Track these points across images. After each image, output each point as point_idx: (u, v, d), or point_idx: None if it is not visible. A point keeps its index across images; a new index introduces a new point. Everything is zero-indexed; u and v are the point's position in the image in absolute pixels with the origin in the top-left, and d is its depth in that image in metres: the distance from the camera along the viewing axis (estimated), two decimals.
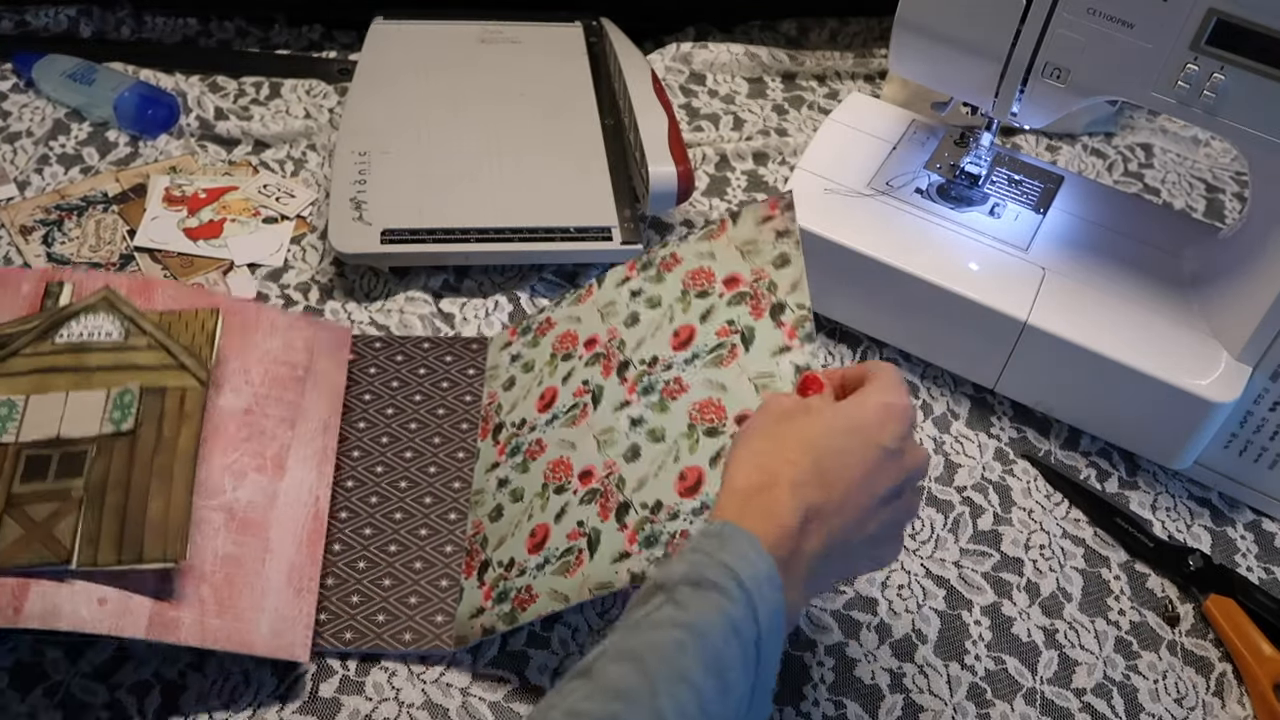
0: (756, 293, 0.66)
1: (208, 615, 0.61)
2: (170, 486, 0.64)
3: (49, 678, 0.62)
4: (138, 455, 0.65)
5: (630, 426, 0.66)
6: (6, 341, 0.68)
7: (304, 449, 0.70)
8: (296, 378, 0.73)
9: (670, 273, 0.71)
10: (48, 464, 0.63)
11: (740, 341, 0.65)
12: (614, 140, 0.91)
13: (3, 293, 0.70)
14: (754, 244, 0.68)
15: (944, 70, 0.76)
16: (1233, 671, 0.69)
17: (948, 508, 0.75)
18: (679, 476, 0.62)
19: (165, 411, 0.67)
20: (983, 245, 0.79)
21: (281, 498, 0.68)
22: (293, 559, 0.65)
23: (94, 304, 0.70)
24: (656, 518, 0.61)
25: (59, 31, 1.04)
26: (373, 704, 0.63)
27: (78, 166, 0.92)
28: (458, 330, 0.82)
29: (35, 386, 0.66)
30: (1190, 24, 0.64)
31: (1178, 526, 0.76)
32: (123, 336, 0.69)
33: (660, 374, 0.67)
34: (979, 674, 0.68)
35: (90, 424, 0.65)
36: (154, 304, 0.72)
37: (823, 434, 0.52)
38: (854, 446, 0.52)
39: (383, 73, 0.96)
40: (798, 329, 0.64)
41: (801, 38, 1.12)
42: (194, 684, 0.63)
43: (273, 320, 0.75)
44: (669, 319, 0.69)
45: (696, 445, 0.62)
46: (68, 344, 0.68)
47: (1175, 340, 0.73)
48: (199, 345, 0.70)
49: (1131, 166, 1.01)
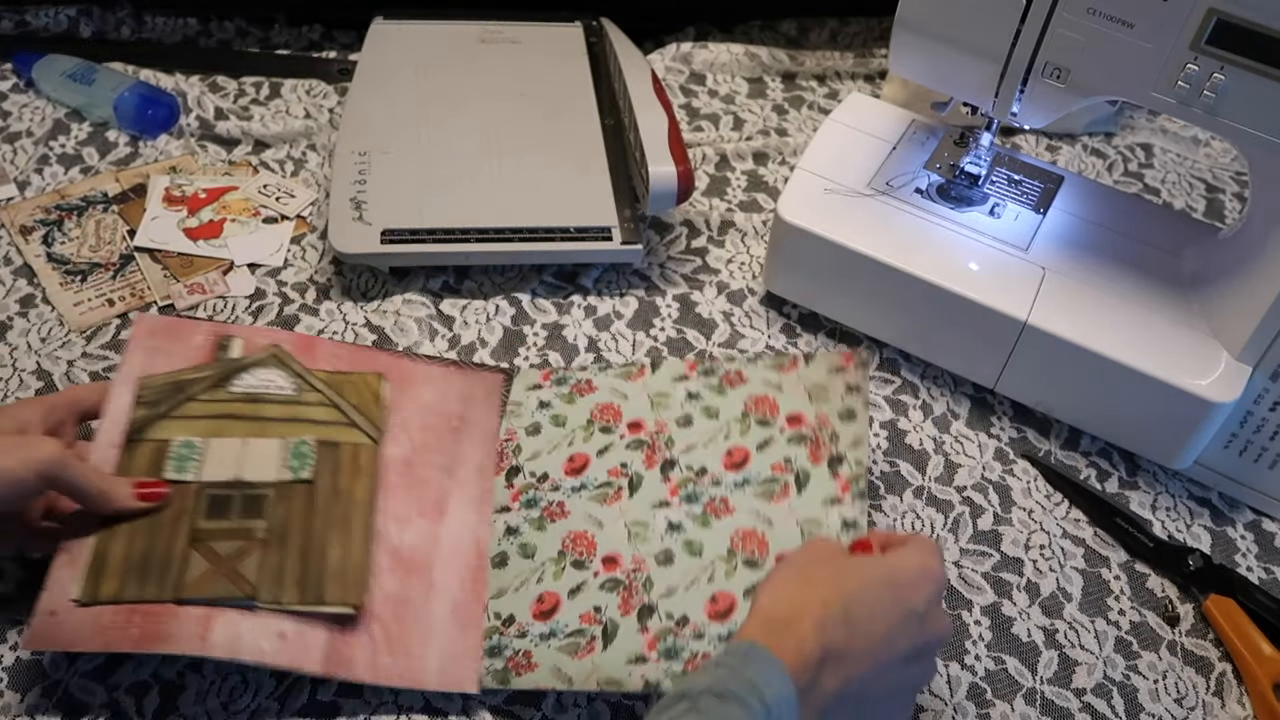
0: (818, 439, 0.68)
1: (379, 653, 0.63)
2: (349, 535, 0.66)
3: (47, 677, 0.62)
4: (317, 503, 0.67)
5: (667, 529, 0.66)
6: (184, 387, 0.70)
7: (463, 493, 0.71)
8: (452, 428, 0.74)
9: (733, 389, 0.72)
10: (230, 504, 0.66)
11: (794, 482, 0.67)
12: (614, 140, 0.91)
13: (176, 343, 0.73)
14: (824, 390, 0.70)
15: (944, 70, 0.76)
16: (1233, 671, 0.69)
17: (948, 508, 0.75)
18: (710, 599, 0.63)
19: (340, 464, 0.69)
20: (983, 245, 0.79)
21: (443, 539, 0.68)
22: (457, 596, 0.66)
23: (264, 360, 0.72)
24: (681, 632, 0.62)
25: (59, 31, 1.04)
26: (371, 707, 0.63)
27: (78, 166, 0.92)
28: (456, 333, 0.82)
29: (213, 430, 0.69)
30: (1190, 24, 0.64)
31: (1178, 526, 0.76)
32: (295, 391, 0.72)
33: (708, 487, 0.68)
34: (979, 674, 0.68)
35: (269, 469, 0.68)
36: (316, 360, 0.74)
37: (859, 584, 0.53)
38: (885, 601, 0.53)
39: (383, 73, 0.96)
40: (852, 484, 0.66)
41: (801, 38, 1.12)
42: (192, 684, 0.63)
43: (427, 373, 0.76)
44: (724, 435, 0.70)
45: (734, 572, 0.63)
46: (244, 394, 0.71)
47: (1175, 340, 0.73)
48: (367, 404, 0.72)
49: (1131, 166, 1.01)
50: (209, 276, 0.84)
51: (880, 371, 0.83)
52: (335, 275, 0.85)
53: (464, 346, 0.81)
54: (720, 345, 0.84)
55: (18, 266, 0.83)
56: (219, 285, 0.83)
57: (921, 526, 0.74)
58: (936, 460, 0.78)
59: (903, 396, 0.81)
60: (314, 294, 0.84)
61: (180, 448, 0.67)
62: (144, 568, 0.62)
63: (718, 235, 0.92)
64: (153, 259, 0.85)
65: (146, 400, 0.69)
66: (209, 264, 0.85)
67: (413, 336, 0.81)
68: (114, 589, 0.61)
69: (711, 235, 0.92)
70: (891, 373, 0.83)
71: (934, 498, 0.76)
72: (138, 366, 0.71)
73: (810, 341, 0.84)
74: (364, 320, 0.82)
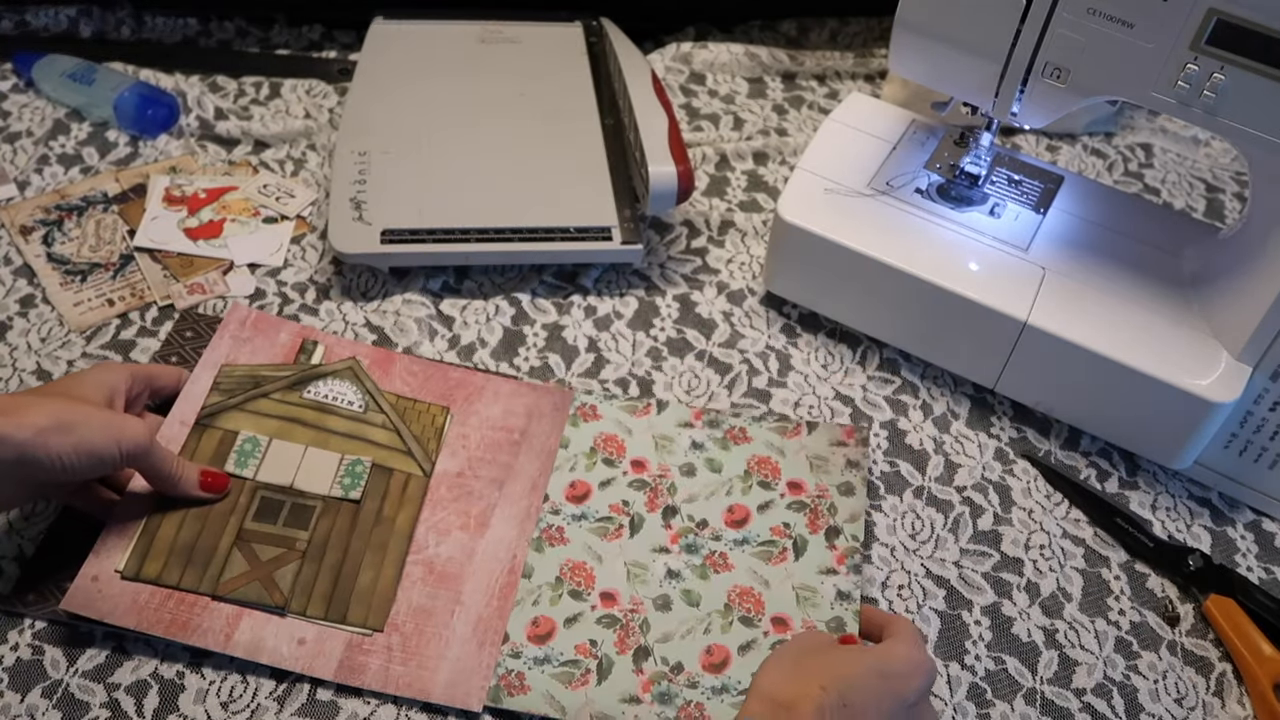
0: (817, 509, 0.71)
1: (393, 662, 0.64)
2: (383, 561, 0.67)
3: (48, 677, 0.62)
4: (359, 524, 0.69)
5: (666, 576, 0.68)
6: (261, 382, 0.74)
7: (509, 508, 0.71)
8: (513, 442, 0.74)
9: (738, 446, 0.74)
10: (280, 509, 0.68)
11: (792, 548, 0.69)
12: (614, 140, 0.91)
13: (263, 337, 0.77)
14: (824, 462, 0.73)
15: (944, 70, 0.76)
16: (1233, 671, 0.69)
17: (948, 508, 0.75)
18: (706, 650, 0.65)
19: (389, 491, 0.71)
20: (983, 245, 0.79)
21: (480, 554, 0.69)
22: (481, 612, 0.66)
23: (340, 371, 0.75)
24: (675, 679, 0.63)
25: (59, 31, 1.04)
26: (371, 707, 0.63)
27: (78, 166, 0.92)
28: (455, 334, 0.82)
29: (279, 432, 0.71)
30: (1190, 24, 0.64)
31: (1178, 526, 0.76)
32: (362, 409, 0.74)
33: (708, 541, 0.70)
34: (979, 674, 0.68)
35: (322, 483, 0.70)
36: (391, 376, 0.77)
37: (854, 672, 0.56)
38: (881, 691, 0.55)
39: (383, 73, 0.96)
40: (847, 558, 0.69)
41: (801, 38, 1.12)
42: (192, 684, 0.63)
43: (497, 389, 0.77)
44: (727, 491, 0.72)
45: (729, 627, 0.66)
46: (314, 401, 0.73)
47: (1175, 340, 0.73)
48: (427, 437, 0.74)
49: (1131, 166, 1.01)
50: (209, 276, 0.84)
51: (880, 371, 0.83)
52: (335, 275, 0.85)
53: (463, 347, 0.81)
54: (720, 345, 0.84)
55: (18, 266, 0.83)
56: (219, 285, 0.83)
57: (921, 526, 0.74)
58: (936, 460, 0.78)
59: (903, 396, 0.81)
60: (314, 294, 0.84)
61: (245, 443, 0.70)
62: (188, 556, 0.65)
63: (718, 235, 0.92)
64: (153, 259, 0.85)
65: (224, 387, 0.72)
66: (209, 264, 0.85)
67: (412, 336, 0.81)
68: (157, 570, 0.64)
69: (711, 235, 0.92)
70: (891, 373, 0.83)
71: (934, 498, 0.76)
72: (224, 353, 0.74)
73: (810, 341, 0.84)
74: (364, 320, 0.82)
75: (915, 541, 0.73)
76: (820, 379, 0.82)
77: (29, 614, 0.64)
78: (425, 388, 0.76)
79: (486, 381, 0.78)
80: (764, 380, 0.81)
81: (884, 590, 0.71)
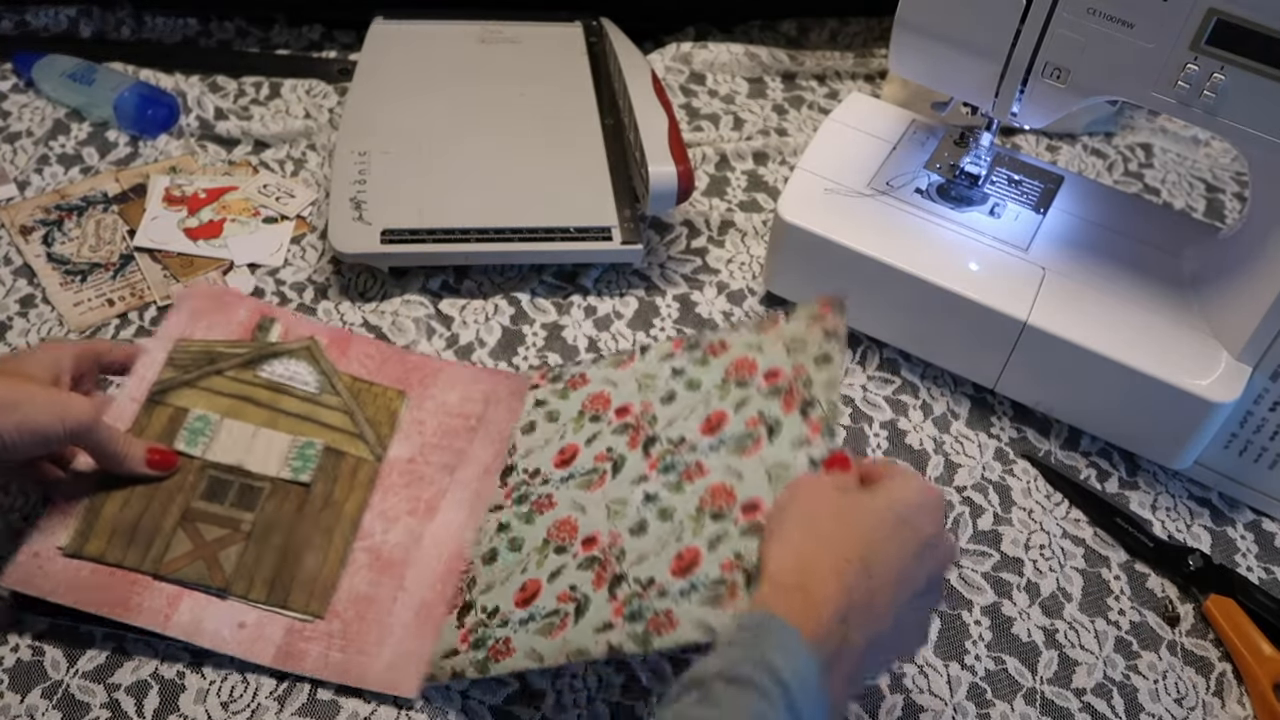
0: (793, 388, 0.66)
1: (332, 649, 0.63)
2: (328, 545, 0.67)
3: (48, 678, 0.62)
4: (307, 508, 0.68)
5: (643, 501, 0.66)
6: (215, 359, 0.72)
7: (460, 493, 0.71)
8: (469, 428, 0.74)
9: (716, 358, 0.71)
10: (228, 490, 0.67)
11: (766, 433, 0.65)
12: (614, 140, 0.91)
13: (221, 314, 0.75)
14: (802, 342, 0.69)
15: (944, 70, 0.76)
16: (1233, 671, 0.69)
17: (948, 508, 0.75)
18: (676, 556, 0.62)
19: (340, 475, 0.70)
20: (983, 245, 0.79)
21: (427, 539, 0.68)
22: (424, 597, 0.66)
23: (297, 350, 0.74)
24: (646, 594, 0.61)
25: (59, 31, 1.04)
26: (371, 707, 0.63)
27: (78, 166, 0.92)
28: (454, 333, 0.82)
29: (230, 410, 0.70)
30: (1190, 24, 0.64)
31: (1178, 526, 0.76)
32: (317, 390, 0.73)
33: (684, 455, 0.67)
34: (979, 674, 0.68)
35: (271, 464, 0.69)
36: (348, 358, 0.76)
37: (871, 528, 0.51)
38: (902, 538, 0.51)
39: (383, 73, 0.96)
40: (822, 424, 0.64)
41: (801, 38, 1.12)
42: (192, 684, 0.63)
43: (454, 373, 0.77)
44: (705, 404, 0.69)
45: (700, 528, 0.62)
46: (268, 381, 0.72)
47: (1175, 340, 0.73)
48: (380, 421, 0.73)
49: (1131, 166, 1.01)
50: (209, 276, 0.84)
51: (880, 371, 0.83)
52: (334, 275, 0.85)
53: (462, 346, 0.81)
54: None
55: (18, 266, 0.83)
56: (219, 285, 0.83)
57: None
58: (936, 460, 0.78)
59: (903, 396, 0.81)
60: (312, 294, 0.84)
61: (196, 421, 0.69)
62: (132, 534, 0.64)
63: (718, 235, 0.92)
64: (153, 259, 0.85)
65: (178, 363, 0.71)
66: (209, 264, 0.85)
67: (410, 336, 0.81)
68: (99, 548, 0.63)
69: (711, 235, 0.92)
70: (891, 373, 0.83)
71: None
72: (178, 328, 0.73)
73: None
74: (361, 320, 0.82)
75: None
76: None
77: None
78: (382, 370, 0.76)
79: (444, 366, 0.77)
80: None
81: None
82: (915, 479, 0.54)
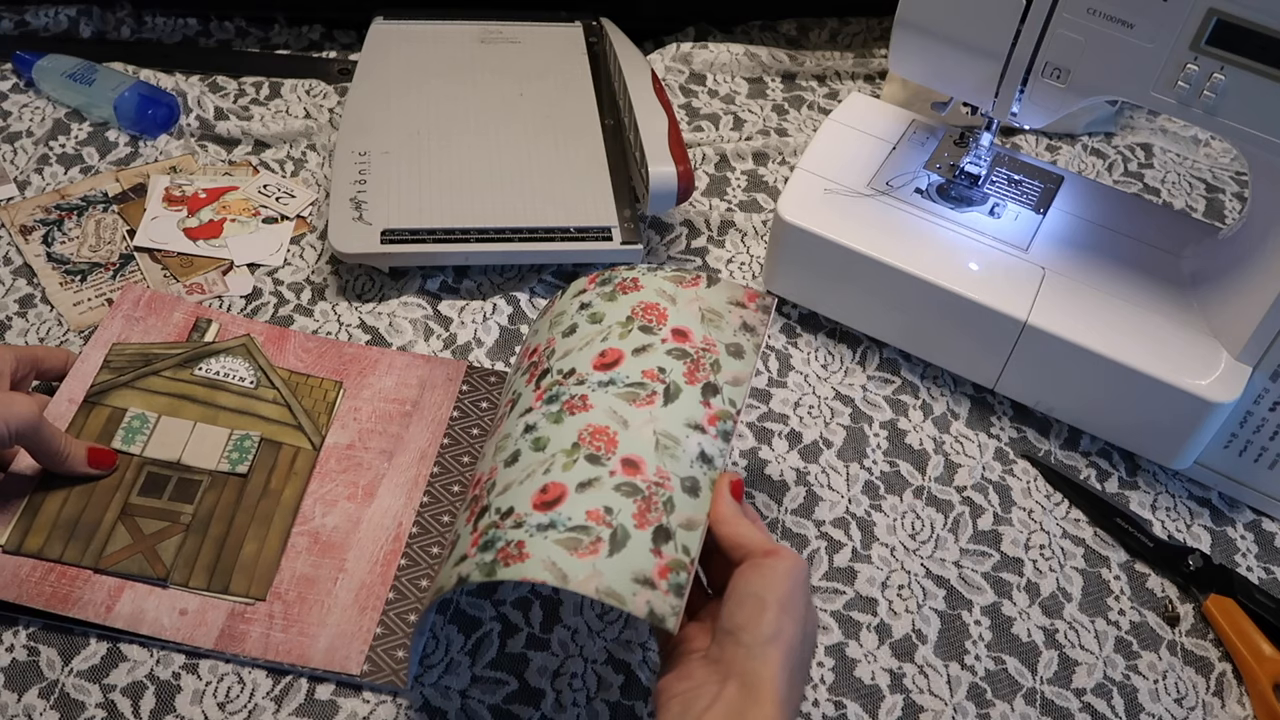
0: (699, 361, 0.63)
1: (274, 630, 0.64)
2: (267, 532, 0.68)
3: (44, 677, 0.62)
4: (245, 497, 0.70)
5: (522, 433, 0.62)
6: (151, 360, 0.75)
7: (398, 477, 0.72)
8: (404, 413, 0.75)
9: (625, 296, 0.67)
10: (165, 484, 0.69)
11: (663, 394, 0.62)
12: (614, 140, 0.91)
13: (157, 317, 0.78)
14: (718, 317, 0.66)
15: (944, 70, 0.76)
16: (1232, 671, 0.69)
17: (947, 508, 0.75)
18: (541, 489, 0.58)
19: (277, 464, 0.72)
20: (983, 245, 0.78)
21: (366, 523, 0.70)
22: (364, 579, 0.67)
23: (234, 347, 0.75)
24: (503, 524, 0.57)
25: (59, 31, 1.04)
26: (370, 706, 0.63)
27: (78, 166, 0.92)
28: (452, 333, 0.82)
29: (168, 409, 0.73)
30: (1190, 24, 0.64)
31: (1178, 526, 0.76)
32: (254, 385, 0.75)
33: (570, 387, 0.63)
34: (979, 674, 0.68)
35: (209, 458, 0.71)
36: (285, 353, 0.77)
37: (810, 652, 0.54)
38: (807, 663, 0.54)
39: (383, 73, 0.95)
40: (720, 420, 0.61)
41: (801, 38, 1.12)
42: (188, 685, 0.63)
43: (391, 361, 0.78)
44: (602, 338, 0.65)
45: (572, 465, 0.58)
46: (205, 378, 0.75)
47: (1175, 340, 0.73)
48: (318, 412, 0.75)
49: (1131, 166, 1.01)
50: (208, 276, 0.84)
51: (880, 371, 0.83)
52: (332, 275, 0.85)
53: (459, 346, 0.81)
54: None
55: (17, 266, 0.83)
56: (218, 285, 0.83)
57: (921, 526, 0.74)
58: (936, 460, 0.78)
59: (902, 396, 0.81)
60: (310, 294, 0.84)
61: (133, 420, 0.72)
62: (72, 530, 0.66)
63: (718, 235, 0.92)
64: (152, 259, 0.85)
65: (114, 365, 0.73)
66: (208, 264, 0.85)
67: (407, 337, 0.81)
68: (39, 544, 0.66)
69: (711, 235, 0.92)
70: (891, 373, 0.83)
71: (934, 498, 0.76)
72: (114, 332, 0.75)
73: (810, 341, 0.84)
74: (359, 321, 0.82)
75: (915, 541, 0.73)
76: (820, 379, 0.82)
77: None
78: (319, 363, 0.77)
79: (381, 355, 0.79)
80: (763, 380, 0.81)
81: (884, 590, 0.71)
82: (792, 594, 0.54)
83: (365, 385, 0.76)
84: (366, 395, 0.76)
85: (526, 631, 0.67)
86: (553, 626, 0.67)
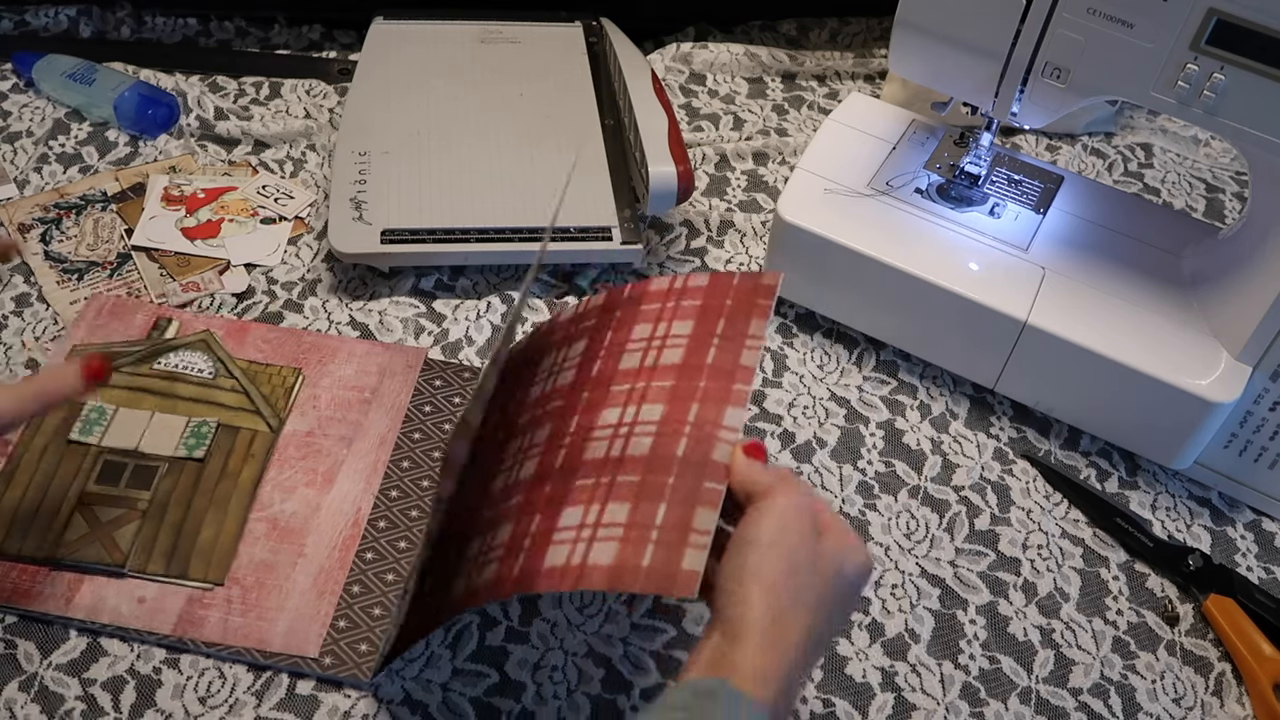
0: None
1: (232, 614, 0.65)
2: (225, 516, 0.69)
3: (23, 670, 0.63)
4: (202, 482, 0.70)
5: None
6: (113, 359, 0.75)
7: (357, 463, 0.73)
8: (363, 400, 0.76)
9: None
10: (122, 471, 0.70)
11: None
12: (614, 140, 0.91)
13: (120, 320, 0.79)
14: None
15: (944, 70, 0.76)
16: (1232, 671, 0.69)
17: (944, 507, 0.75)
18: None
19: (235, 448, 0.72)
20: (983, 245, 0.78)
21: (325, 509, 0.70)
22: (323, 563, 0.68)
23: (193, 342, 0.77)
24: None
25: (59, 31, 1.04)
26: (351, 700, 0.63)
27: (77, 166, 0.92)
28: (444, 329, 0.82)
29: (126, 401, 0.74)
30: (1190, 24, 0.64)
31: (1178, 526, 0.76)
32: (212, 375, 0.76)
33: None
34: (973, 673, 0.67)
35: (167, 445, 0.72)
36: (245, 346, 0.78)
37: (832, 595, 0.51)
38: (846, 611, 0.53)
39: (383, 73, 0.95)
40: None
41: (801, 38, 1.12)
42: (169, 680, 0.63)
43: (351, 349, 0.79)
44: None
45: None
46: (163, 371, 0.76)
47: (1175, 340, 0.73)
48: (276, 396, 0.76)
49: (1131, 166, 1.01)
50: (205, 276, 0.84)
51: (877, 372, 0.83)
52: (326, 273, 0.85)
53: (450, 344, 0.81)
54: None
55: (15, 264, 0.83)
56: (214, 284, 0.83)
57: (916, 526, 0.74)
58: (934, 460, 0.78)
59: (900, 397, 0.81)
60: (301, 291, 0.84)
61: (91, 412, 0.72)
62: (30, 523, 0.67)
63: (717, 235, 0.92)
64: (150, 258, 0.85)
65: None
66: (205, 263, 0.85)
67: (398, 335, 0.81)
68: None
69: (711, 235, 0.92)
70: (888, 373, 0.83)
71: (930, 497, 0.76)
72: (78, 338, 0.77)
73: (806, 341, 0.84)
74: (349, 319, 0.82)
75: (910, 541, 0.73)
76: (816, 379, 0.82)
77: None
78: (278, 353, 0.78)
79: (341, 344, 0.79)
80: (759, 380, 0.81)
81: (877, 590, 0.71)
82: (857, 550, 0.52)
83: (325, 373, 0.77)
84: (326, 383, 0.77)
85: (505, 624, 0.67)
86: (531, 620, 0.67)
